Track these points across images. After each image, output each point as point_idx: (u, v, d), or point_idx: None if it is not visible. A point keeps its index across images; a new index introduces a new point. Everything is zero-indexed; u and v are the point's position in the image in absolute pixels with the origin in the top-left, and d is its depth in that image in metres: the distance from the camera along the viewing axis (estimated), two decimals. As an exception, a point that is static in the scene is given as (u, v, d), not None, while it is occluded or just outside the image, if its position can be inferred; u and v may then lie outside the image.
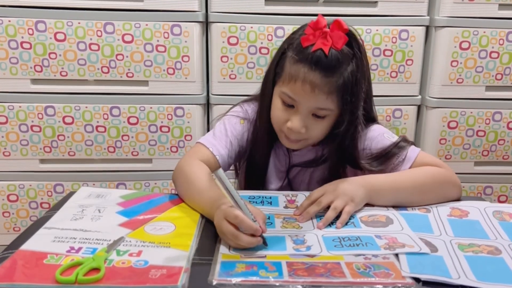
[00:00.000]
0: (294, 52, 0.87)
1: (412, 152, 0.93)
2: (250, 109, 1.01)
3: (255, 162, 1.00)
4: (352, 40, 0.86)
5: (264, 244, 0.71)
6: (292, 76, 0.86)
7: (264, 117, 0.95)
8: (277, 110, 0.92)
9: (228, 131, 0.98)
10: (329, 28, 0.85)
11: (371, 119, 0.98)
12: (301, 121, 0.88)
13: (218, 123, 1.01)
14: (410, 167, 0.92)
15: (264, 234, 0.72)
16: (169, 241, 0.72)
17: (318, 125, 0.90)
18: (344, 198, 0.82)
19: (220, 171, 0.69)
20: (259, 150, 0.98)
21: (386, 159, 0.93)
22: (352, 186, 0.85)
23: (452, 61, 1.51)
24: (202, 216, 0.81)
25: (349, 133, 0.90)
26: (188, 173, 0.89)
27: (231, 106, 1.07)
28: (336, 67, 0.84)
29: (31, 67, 1.44)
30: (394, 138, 0.96)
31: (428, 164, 0.92)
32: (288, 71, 0.87)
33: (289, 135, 0.91)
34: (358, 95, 0.88)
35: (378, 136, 0.95)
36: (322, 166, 0.99)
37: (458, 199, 0.92)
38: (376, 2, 1.47)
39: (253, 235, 0.69)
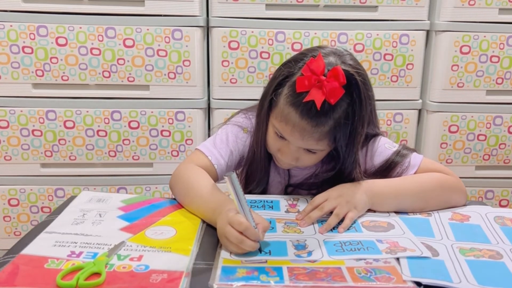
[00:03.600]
0: (288, 91, 0.83)
1: (415, 159, 0.93)
2: (254, 118, 0.98)
3: (254, 173, 0.98)
4: (352, 86, 0.81)
5: (259, 250, 0.71)
6: (283, 117, 0.83)
7: (260, 141, 0.93)
8: (270, 138, 0.90)
9: (230, 140, 0.96)
10: (327, 75, 0.79)
11: (374, 134, 0.96)
12: (291, 155, 0.88)
13: (220, 130, 0.98)
14: (415, 174, 0.92)
15: (265, 238, 0.72)
16: (170, 245, 0.72)
17: (309, 157, 0.89)
18: (347, 205, 0.82)
19: (234, 175, 0.69)
20: (258, 165, 0.96)
21: (389, 169, 0.93)
22: (355, 192, 0.85)
23: (452, 65, 1.51)
24: (203, 221, 0.81)
25: (346, 169, 0.89)
26: (187, 178, 0.88)
27: (233, 111, 1.06)
28: (328, 118, 0.81)
29: (32, 72, 1.44)
30: (395, 147, 0.95)
31: (432, 171, 0.91)
32: (281, 108, 0.84)
33: (281, 161, 0.91)
34: (354, 139, 0.85)
35: (379, 147, 0.95)
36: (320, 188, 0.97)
37: (464, 206, 0.91)
38: (377, 6, 1.47)
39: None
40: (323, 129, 0.82)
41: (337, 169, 0.90)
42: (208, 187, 0.84)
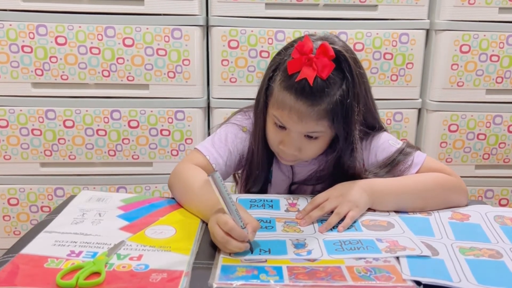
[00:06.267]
0: (281, 77, 0.85)
1: (418, 157, 0.93)
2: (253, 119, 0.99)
3: (254, 171, 0.98)
4: (342, 63, 0.82)
5: (250, 250, 0.70)
6: (279, 103, 0.85)
7: (258, 135, 0.94)
8: (270, 131, 0.91)
9: (229, 139, 0.96)
10: (315, 52, 0.81)
11: (377, 129, 0.96)
12: (293, 144, 0.87)
13: (218, 130, 0.99)
14: (416, 173, 0.92)
15: (265, 238, 0.73)
16: (169, 245, 0.72)
17: (312, 145, 0.89)
18: (348, 204, 0.82)
19: (216, 174, 0.69)
20: (256, 160, 0.96)
21: (392, 166, 0.92)
22: (356, 191, 0.84)
23: (452, 65, 1.51)
24: (203, 220, 0.81)
25: (346, 152, 0.88)
26: (185, 177, 0.88)
27: (233, 110, 1.05)
28: (323, 95, 0.81)
29: (32, 71, 1.44)
30: (399, 144, 0.95)
31: (435, 170, 0.91)
32: (276, 96, 0.85)
33: (283, 155, 0.91)
34: (351, 118, 0.85)
35: (383, 144, 0.95)
36: (325, 182, 0.97)
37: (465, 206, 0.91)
38: (376, 5, 1.47)
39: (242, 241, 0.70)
40: (319, 107, 0.82)
41: (337, 154, 0.89)
42: (206, 186, 0.84)
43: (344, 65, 0.82)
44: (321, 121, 0.84)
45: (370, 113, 0.93)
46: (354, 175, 0.90)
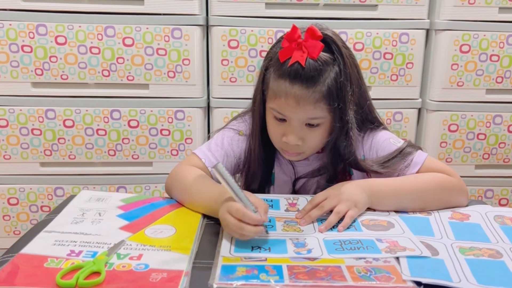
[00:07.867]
0: (274, 68, 0.87)
1: (419, 157, 0.93)
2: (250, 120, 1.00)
3: (253, 171, 0.98)
4: (331, 44, 0.85)
5: (266, 232, 0.72)
6: (275, 92, 0.86)
7: (256, 132, 0.95)
8: (271, 126, 0.91)
9: (225, 143, 0.97)
10: (303, 37, 0.83)
11: (375, 124, 0.97)
12: (295, 135, 0.88)
13: (215, 135, 1.00)
14: (417, 172, 0.92)
15: (265, 237, 0.73)
16: (169, 244, 0.72)
17: (314, 134, 0.89)
18: (347, 203, 0.82)
19: (219, 164, 0.70)
20: (256, 161, 0.97)
21: (392, 164, 0.92)
22: (355, 190, 0.84)
23: (452, 64, 1.51)
24: (203, 219, 0.81)
25: (342, 139, 0.89)
26: (184, 177, 0.89)
27: (233, 110, 1.07)
28: (316, 76, 0.83)
29: (31, 71, 1.44)
30: (400, 143, 0.95)
31: (435, 170, 0.91)
32: (271, 88, 0.87)
33: (287, 149, 0.91)
34: (345, 99, 0.86)
35: (384, 141, 0.95)
36: (328, 173, 0.97)
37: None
38: (376, 5, 1.47)
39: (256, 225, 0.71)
40: (315, 89, 0.83)
41: (333, 137, 0.90)
42: (206, 181, 0.86)
43: (334, 46, 0.85)
44: (319, 104, 0.85)
45: (364, 97, 0.93)
46: (350, 159, 0.90)
